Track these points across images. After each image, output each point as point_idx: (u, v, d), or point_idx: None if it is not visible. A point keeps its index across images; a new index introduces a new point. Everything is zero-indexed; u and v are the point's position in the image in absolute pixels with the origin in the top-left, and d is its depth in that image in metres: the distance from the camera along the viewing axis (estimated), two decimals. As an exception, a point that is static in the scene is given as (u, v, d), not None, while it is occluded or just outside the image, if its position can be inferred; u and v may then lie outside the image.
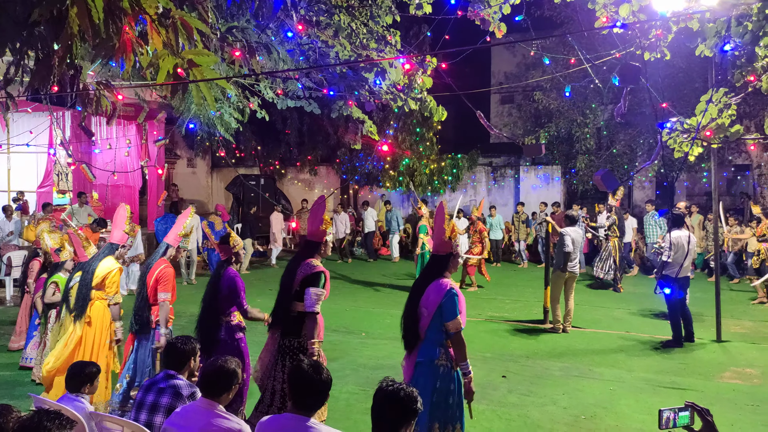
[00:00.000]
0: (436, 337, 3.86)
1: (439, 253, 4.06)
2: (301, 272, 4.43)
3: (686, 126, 5.66)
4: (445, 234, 4.04)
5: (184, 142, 18.26)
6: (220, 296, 4.73)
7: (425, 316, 3.85)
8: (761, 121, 11.84)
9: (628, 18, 5.76)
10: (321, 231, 4.59)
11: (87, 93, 4.22)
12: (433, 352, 3.86)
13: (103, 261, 5.29)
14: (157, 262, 5.05)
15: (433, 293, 3.86)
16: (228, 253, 4.88)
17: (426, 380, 3.81)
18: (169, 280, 4.97)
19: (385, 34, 7.12)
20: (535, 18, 15.00)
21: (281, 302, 4.54)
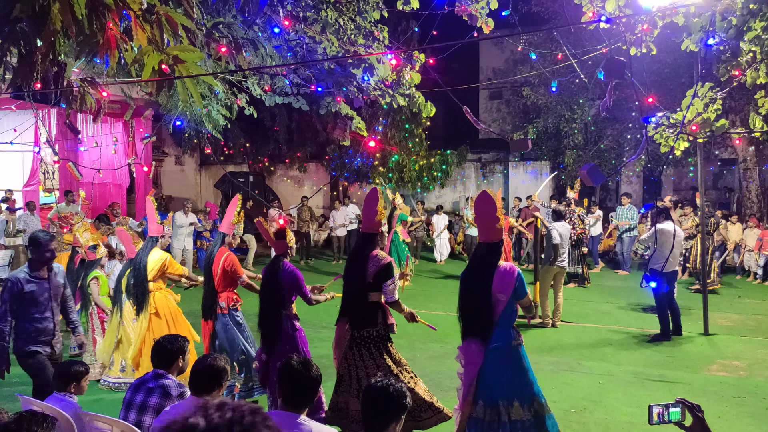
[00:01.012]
0: (509, 320, 4.03)
1: (492, 241, 4.11)
2: (373, 265, 4.46)
3: (672, 120, 5.70)
4: (498, 222, 4.08)
5: (171, 139, 18.11)
6: (282, 290, 4.85)
7: (502, 301, 3.95)
8: (746, 116, 11.95)
9: (614, 13, 5.78)
10: (377, 222, 4.62)
11: (71, 90, 4.17)
12: (509, 335, 4.01)
13: (151, 254, 5.70)
14: (219, 252, 5.39)
15: (506, 277, 3.97)
16: (284, 248, 5.01)
17: (507, 363, 3.96)
18: (237, 264, 5.37)
19: (373, 30, 7.09)
20: (522, 13, 15.03)
21: (352, 296, 4.57)
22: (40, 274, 4.56)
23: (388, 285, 4.46)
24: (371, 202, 4.66)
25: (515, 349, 4.03)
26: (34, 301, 4.51)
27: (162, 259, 5.73)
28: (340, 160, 18.27)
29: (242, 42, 5.38)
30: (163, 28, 3.33)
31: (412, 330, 8.17)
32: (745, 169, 14.80)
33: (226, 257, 5.36)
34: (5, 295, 4.43)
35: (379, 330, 4.50)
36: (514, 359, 4.00)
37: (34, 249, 4.58)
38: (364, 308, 4.49)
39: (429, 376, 6.29)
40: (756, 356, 7.04)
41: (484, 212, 4.14)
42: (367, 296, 4.48)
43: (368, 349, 4.44)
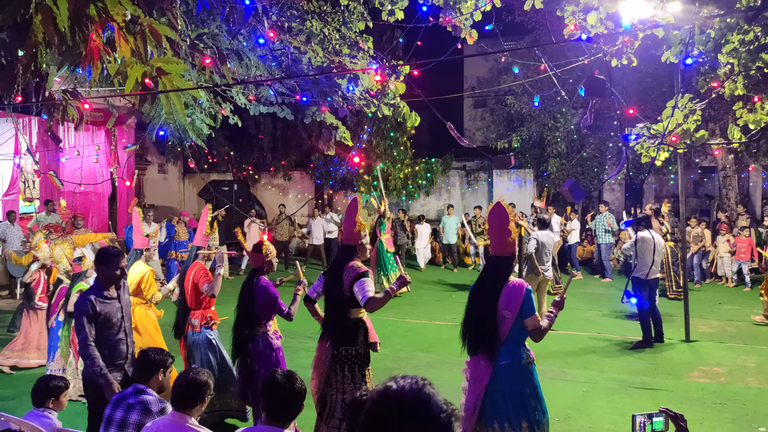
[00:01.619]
0: (519, 337, 3.88)
1: (504, 254, 3.96)
2: (348, 277, 4.24)
3: (653, 132, 5.79)
4: (511, 235, 3.94)
5: (154, 147, 17.99)
6: (255, 307, 4.62)
7: (508, 319, 3.80)
8: (725, 125, 12.17)
9: (596, 25, 5.87)
10: (356, 233, 4.44)
11: (53, 101, 4.12)
12: (518, 353, 3.87)
13: (132, 267, 5.47)
14: (191, 266, 5.19)
15: (513, 294, 3.82)
16: (260, 261, 4.76)
17: (514, 381, 3.82)
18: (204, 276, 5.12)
19: (358, 40, 7.12)
20: (506, 23, 15.19)
21: (332, 312, 4.36)
22: (110, 293, 4.28)
23: (356, 286, 4.15)
24: (351, 212, 4.50)
25: (525, 367, 3.88)
26: (108, 322, 4.20)
27: (142, 273, 5.50)
28: (325, 168, 18.25)
29: (227, 52, 5.36)
30: (146, 39, 3.32)
31: (397, 339, 8.18)
32: (725, 177, 15.04)
33: (195, 270, 5.15)
34: (82, 319, 4.11)
35: (359, 349, 4.27)
36: (524, 378, 3.86)
37: (102, 266, 4.27)
38: (344, 324, 4.27)
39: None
40: (736, 362, 7.13)
41: (497, 224, 4.00)
42: (347, 312, 4.27)
43: (351, 370, 4.23)
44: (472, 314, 3.98)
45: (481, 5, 6.23)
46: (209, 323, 5.15)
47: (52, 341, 6.37)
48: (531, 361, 3.92)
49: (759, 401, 5.89)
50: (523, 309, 3.80)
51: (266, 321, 4.70)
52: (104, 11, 3.17)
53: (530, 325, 3.82)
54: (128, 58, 3.26)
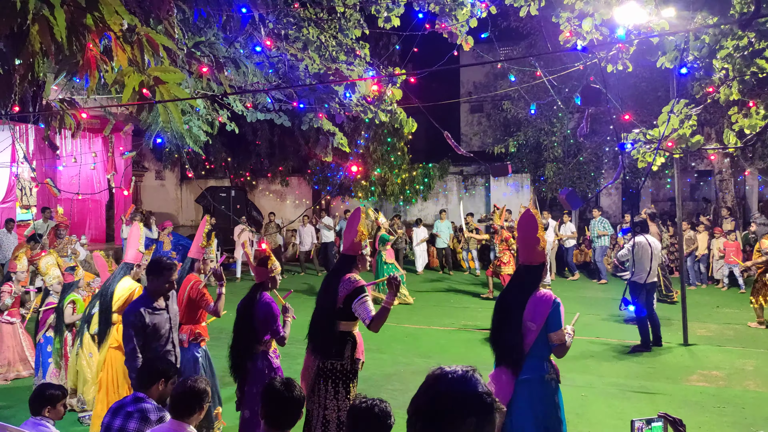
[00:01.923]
0: (543, 352, 3.69)
1: (532, 263, 3.83)
2: (343, 289, 4.10)
3: (649, 137, 5.83)
4: (540, 243, 3.81)
5: (152, 154, 17.99)
6: (255, 323, 4.39)
7: (533, 331, 3.63)
8: (721, 128, 12.22)
9: (591, 31, 5.90)
10: (356, 244, 4.29)
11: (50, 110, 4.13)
12: (541, 368, 3.68)
13: (120, 282, 5.13)
14: (186, 279, 4.96)
15: (540, 305, 3.65)
16: (264, 276, 4.54)
17: (536, 397, 3.64)
18: (206, 292, 4.94)
19: (354, 47, 7.14)
20: (501, 29, 15.26)
21: (320, 322, 4.22)
22: (158, 303, 4.18)
23: (357, 305, 4.01)
24: (353, 222, 4.37)
25: (547, 384, 3.69)
26: (156, 333, 4.11)
27: (131, 290, 5.13)
28: (323, 174, 18.28)
29: (224, 60, 5.37)
30: (143, 48, 3.33)
31: (395, 345, 8.17)
32: (721, 181, 15.09)
33: (192, 284, 4.92)
34: (130, 331, 4.02)
35: (345, 364, 4.09)
36: (545, 395, 3.66)
37: (152, 278, 4.15)
38: (331, 337, 4.10)
39: (413, 391, 6.21)
40: (734, 366, 7.14)
41: (526, 232, 3.87)
42: (335, 324, 4.11)
43: (335, 386, 4.06)
44: (497, 325, 3.82)
45: (477, 12, 6.26)
46: (198, 339, 4.95)
47: (42, 357, 6.18)
48: (554, 378, 3.73)
49: (757, 404, 5.89)
50: (549, 322, 3.63)
51: (265, 338, 4.48)
52: (101, 21, 3.18)
53: (555, 339, 3.66)
54: (125, 67, 3.26)
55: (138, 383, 3.53)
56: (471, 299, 11.72)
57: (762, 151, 13.82)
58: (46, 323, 6.23)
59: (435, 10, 6.47)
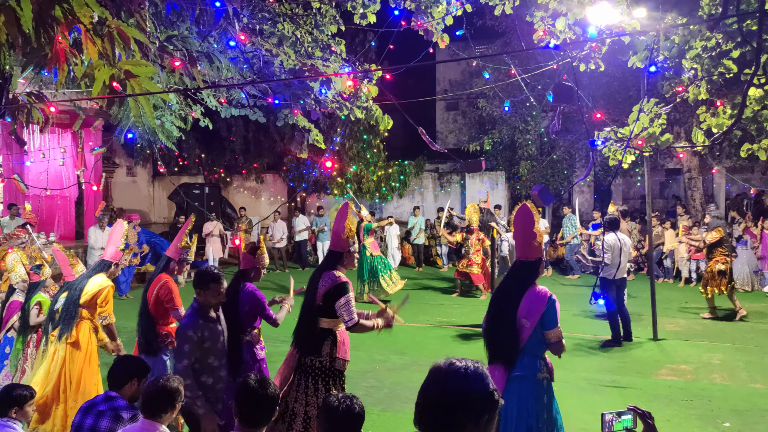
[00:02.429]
0: (537, 350, 3.61)
1: (528, 258, 3.76)
2: (323, 285, 4.04)
3: (619, 135, 5.93)
4: (536, 238, 3.72)
5: (123, 149, 17.64)
6: (240, 313, 4.39)
7: (527, 328, 3.55)
8: (690, 127, 12.48)
9: (564, 30, 5.98)
10: (344, 240, 4.18)
11: (17, 104, 4.02)
12: (535, 365, 3.60)
13: (93, 278, 4.97)
14: (157, 278, 4.78)
15: (534, 302, 3.58)
16: (249, 264, 4.53)
17: (529, 395, 3.56)
18: (175, 294, 4.72)
19: (330, 43, 7.12)
20: (477, 27, 15.34)
21: (303, 317, 4.16)
22: (212, 315, 3.92)
23: (340, 305, 3.96)
24: (341, 218, 4.26)
25: (540, 383, 3.60)
26: (212, 348, 3.86)
27: (101, 287, 4.94)
28: (298, 171, 18.18)
29: (197, 55, 5.30)
30: (114, 42, 3.27)
31: (371, 342, 8.16)
32: (690, 179, 15.43)
33: (162, 284, 4.73)
34: (185, 346, 3.73)
35: (323, 362, 4.02)
36: (538, 394, 3.58)
37: (201, 291, 3.87)
38: (310, 332, 4.06)
39: (388, 388, 6.31)
40: (702, 360, 7.32)
41: (522, 227, 3.81)
42: (316, 320, 4.06)
43: (315, 383, 4.00)
44: (491, 321, 3.76)
45: (453, 10, 6.29)
46: (166, 341, 4.78)
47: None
48: (547, 377, 3.65)
49: (724, 397, 6.05)
50: (545, 319, 3.54)
51: (251, 329, 4.50)
52: (70, 13, 3.11)
53: (552, 337, 3.56)
54: (95, 60, 3.20)
55: (111, 382, 3.47)
56: (445, 296, 11.79)
57: (729, 149, 14.16)
58: (9, 323, 5.89)
59: (411, 7, 6.48)
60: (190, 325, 3.79)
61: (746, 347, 7.89)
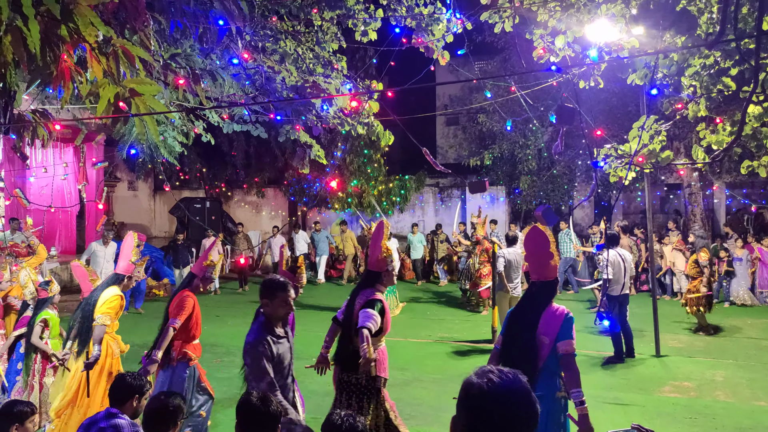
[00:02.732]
0: (556, 368, 3.65)
1: (546, 279, 3.81)
2: (359, 303, 4.13)
3: (620, 152, 5.97)
4: (552, 259, 3.78)
5: (124, 164, 17.72)
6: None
7: (546, 345, 3.60)
8: (690, 143, 12.55)
9: (564, 48, 6.03)
10: (382, 260, 4.20)
11: (23, 121, 4.05)
12: (553, 384, 3.64)
13: (106, 291, 5.04)
14: (179, 293, 4.82)
15: (552, 320, 3.64)
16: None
17: (548, 416, 3.56)
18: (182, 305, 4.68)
19: (332, 60, 7.17)
20: (476, 43, 15.47)
21: (342, 334, 4.25)
22: (279, 330, 3.68)
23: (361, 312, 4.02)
24: (377, 237, 4.29)
25: (558, 401, 3.64)
26: (280, 365, 3.63)
27: (115, 298, 5.03)
28: (299, 185, 18.22)
29: (200, 72, 5.35)
30: (119, 60, 3.30)
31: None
32: (690, 194, 15.46)
33: (179, 299, 4.72)
34: (262, 362, 3.47)
35: (360, 379, 4.07)
36: (553, 413, 3.60)
37: (268, 301, 3.60)
38: (349, 350, 4.12)
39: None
40: (705, 376, 7.28)
41: (536, 248, 3.84)
42: (353, 338, 4.10)
43: (349, 398, 4.07)
44: (509, 340, 3.75)
45: (453, 28, 6.35)
46: (185, 358, 4.75)
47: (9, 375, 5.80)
48: (565, 395, 3.68)
49: (727, 414, 6.01)
50: (560, 333, 3.61)
51: None
52: (76, 32, 3.15)
53: (562, 349, 3.60)
54: (100, 78, 3.23)
55: (112, 399, 3.46)
56: (447, 311, 11.75)
57: (729, 165, 14.20)
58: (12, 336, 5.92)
59: (412, 24, 6.55)
60: (258, 341, 3.51)
61: (749, 364, 7.85)
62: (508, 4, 5.93)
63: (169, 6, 4.53)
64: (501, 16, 6.15)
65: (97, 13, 3.16)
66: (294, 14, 6.53)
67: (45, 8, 2.94)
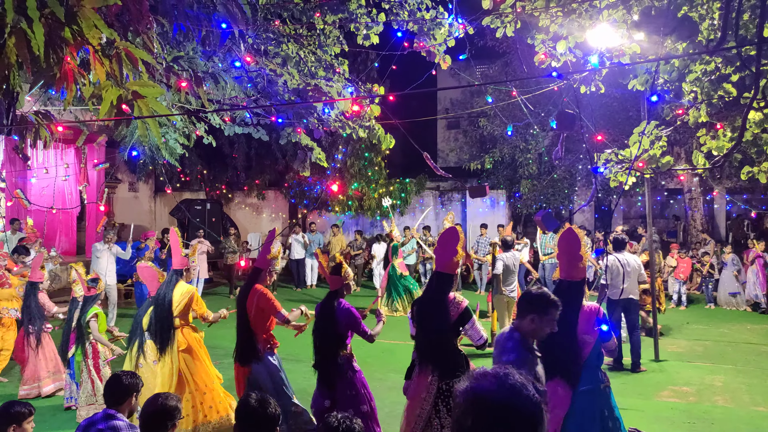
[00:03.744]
0: (597, 362, 3.88)
1: (574, 279, 3.95)
2: (454, 309, 4.10)
3: (620, 157, 5.98)
4: (582, 261, 3.95)
5: (125, 165, 17.75)
6: (339, 329, 4.64)
7: (588, 343, 3.79)
8: (690, 149, 12.55)
9: (565, 53, 6.05)
10: (455, 263, 4.20)
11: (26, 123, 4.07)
12: (596, 377, 3.86)
13: (176, 288, 5.39)
14: (252, 290, 4.99)
15: (591, 318, 3.83)
16: (338, 284, 4.78)
17: (596, 406, 3.81)
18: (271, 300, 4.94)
19: (333, 63, 7.20)
20: (478, 47, 15.51)
21: (436, 342, 4.14)
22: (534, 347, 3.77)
23: (468, 329, 4.12)
24: (451, 240, 4.24)
25: (604, 391, 3.88)
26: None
27: (189, 293, 5.43)
28: (300, 187, 18.22)
29: (202, 75, 5.37)
30: (122, 62, 3.31)
31: (371, 360, 8.14)
32: (691, 199, 15.47)
33: (259, 294, 4.95)
34: None
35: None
36: (605, 403, 3.87)
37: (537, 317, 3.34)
38: (452, 355, 4.09)
39: (389, 407, 6.26)
40: (704, 381, 7.28)
41: (568, 249, 3.98)
42: (453, 342, 4.14)
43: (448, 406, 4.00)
44: (549, 339, 3.70)
45: (455, 32, 6.37)
46: (272, 347, 5.06)
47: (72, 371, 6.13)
48: (608, 385, 3.93)
49: (726, 419, 6.02)
50: (603, 334, 3.82)
51: (348, 343, 4.75)
52: (79, 34, 3.16)
53: (611, 346, 3.88)
54: (103, 81, 3.25)
55: (109, 401, 3.47)
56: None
57: (729, 171, 14.21)
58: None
59: (413, 29, 6.57)
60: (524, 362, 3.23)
61: (748, 369, 7.85)
62: (510, 9, 5.95)
63: (172, 9, 4.55)
64: (503, 21, 6.17)
65: (100, 16, 3.17)
66: (296, 17, 6.56)
67: (49, 10, 2.96)
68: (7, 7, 2.79)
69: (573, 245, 3.97)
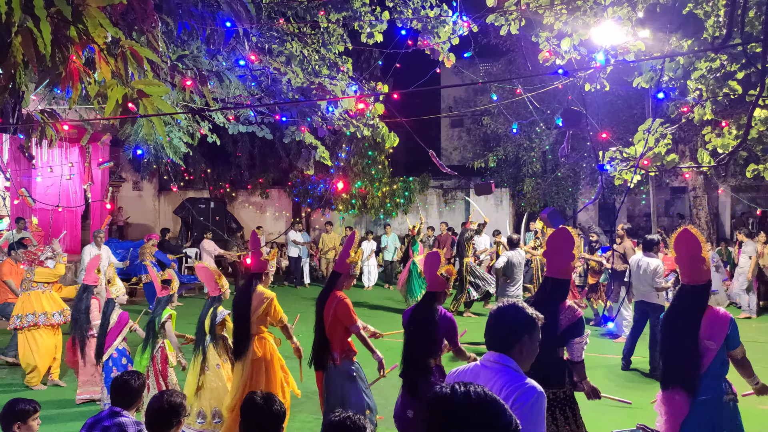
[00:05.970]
0: (720, 370, 3.67)
1: (698, 282, 3.76)
2: (565, 318, 3.92)
3: (625, 155, 5.97)
4: (705, 263, 3.74)
5: (129, 164, 17.79)
6: (436, 336, 4.45)
7: (712, 350, 3.61)
8: (695, 146, 12.52)
9: (570, 51, 6.03)
10: (570, 267, 4.03)
11: (31, 122, 4.08)
12: (720, 388, 3.65)
13: (254, 295, 5.17)
14: (331, 295, 4.88)
15: (717, 324, 3.63)
16: (441, 287, 4.54)
17: (715, 419, 3.59)
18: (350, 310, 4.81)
19: (337, 61, 7.20)
20: (482, 45, 15.49)
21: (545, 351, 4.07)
22: None
23: (576, 342, 3.92)
24: (565, 244, 4.03)
25: (726, 405, 3.64)
26: None
27: (269, 299, 5.21)
28: (303, 186, 18.23)
29: (207, 74, 5.37)
30: (127, 61, 3.32)
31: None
32: (695, 197, 15.41)
33: (338, 301, 4.82)
34: None
35: (566, 391, 3.96)
36: (726, 417, 3.62)
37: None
38: (556, 365, 3.94)
39: (392, 405, 6.23)
40: (708, 380, 7.24)
41: (687, 251, 3.77)
42: (557, 352, 3.96)
43: (563, 412, 3.92)
44: (669, 346, 3.74)
45: (459, 30, 6.36)
46: (349, 355, 4.95)
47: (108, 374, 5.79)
48: (733, 399, 3.69)
49: (730, 418, 5.99)
50: (729, 340, 3.63)
51: (441, 352, 4.59)
52: (85, 33, 3.17)
53: (738, 354, 3.70)
54: (108, 79, 3.26)
55: (119, 401, 3.47)
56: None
57: (734, 169, 14.16)
58: (121, 334, 5.90)
59: (417, 27, 6.56)
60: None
61: (754, 368, 7.79)
62: (514, 6, 5.94)
63: (177, 8, 4.56)
64: (507, 19, 6.16)
65: (106, 15, 3.18)
66: (300, 16, 6.56)
67: (55, 9, 2.97)
68: (14, 6, 2.80)
69: (693, 248, 3.75)
